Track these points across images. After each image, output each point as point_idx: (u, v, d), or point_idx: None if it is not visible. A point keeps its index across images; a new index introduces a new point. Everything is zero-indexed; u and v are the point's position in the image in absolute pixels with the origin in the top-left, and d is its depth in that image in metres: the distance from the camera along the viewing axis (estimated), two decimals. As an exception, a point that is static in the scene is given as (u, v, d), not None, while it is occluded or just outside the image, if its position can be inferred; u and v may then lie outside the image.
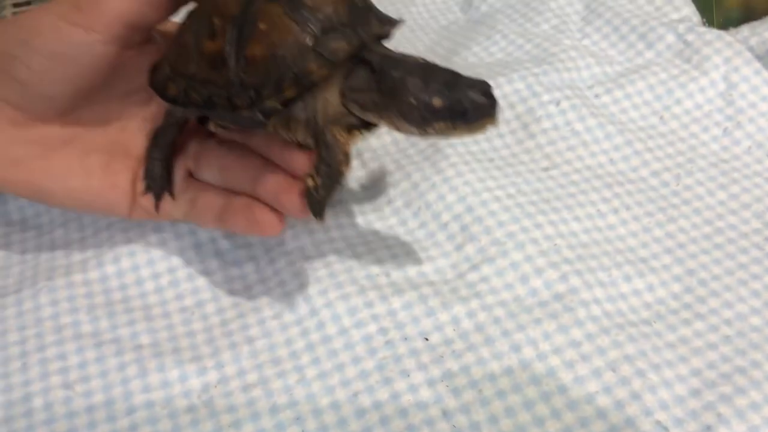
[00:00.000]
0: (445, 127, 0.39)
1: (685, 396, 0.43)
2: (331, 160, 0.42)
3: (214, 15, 0.42)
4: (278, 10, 0.40)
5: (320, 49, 0.40)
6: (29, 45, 0.43)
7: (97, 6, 0.43)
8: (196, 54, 0.43)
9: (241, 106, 0.41)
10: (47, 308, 0.49)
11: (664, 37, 0.68)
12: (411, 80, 0.39)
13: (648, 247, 0.53)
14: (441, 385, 0.44)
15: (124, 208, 0.50)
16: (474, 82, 0.39)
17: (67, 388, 0.45)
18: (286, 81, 0.40)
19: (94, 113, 0.49)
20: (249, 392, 0.45)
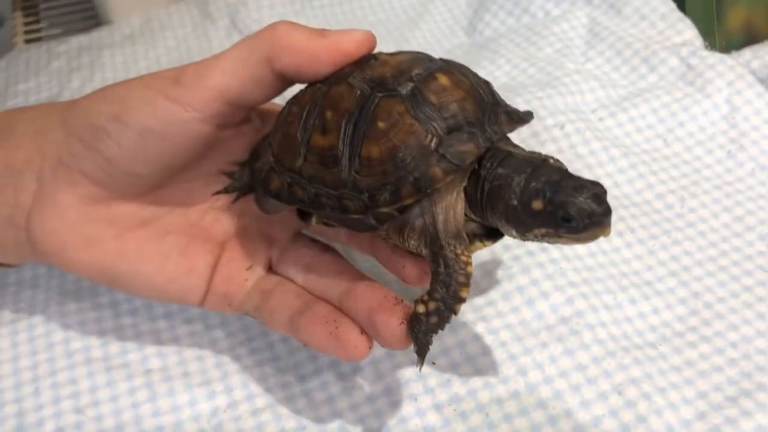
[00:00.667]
0: (546, 233, 0.35)
1: (691, 419, 0.43)
2: (451, 281, 0.36)
3: (327, 108, 0.38)
4: (399, 107, 0.36)
5: (445, 151, 0.36)
6: (121, 120, 0.40)
7: (199, 82, 0.40)
8: (305, 148, 0.39)
9: (352, 210, 0.37)
10: (58, 333, 0.50)
11: (666, 61, 0.69)
12: (516, 179, 0.35)
13: (653, 270, 0.53)
14: (448, 409, 0.45)
15: (197, 295, 0.45)
16: (585, 184, 0.34)
17: (79, 412, 0.46)
18: (404, 186, 0.36)
19: (175, 193, 0.46)
20: (258, 416, 0.45)
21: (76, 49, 0.82)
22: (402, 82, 0.37)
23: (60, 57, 0.81)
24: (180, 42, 0.84)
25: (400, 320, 0.38)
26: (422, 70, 0.38)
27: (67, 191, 0.43)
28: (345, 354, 0.39)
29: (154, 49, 0.83)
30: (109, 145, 0.41)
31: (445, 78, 0.38)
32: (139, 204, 0.45)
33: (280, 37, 0.39)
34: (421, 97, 0.36)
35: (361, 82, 0.38)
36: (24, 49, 0.83)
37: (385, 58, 0.39)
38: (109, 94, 0.42)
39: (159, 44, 0.83)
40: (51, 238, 0.43)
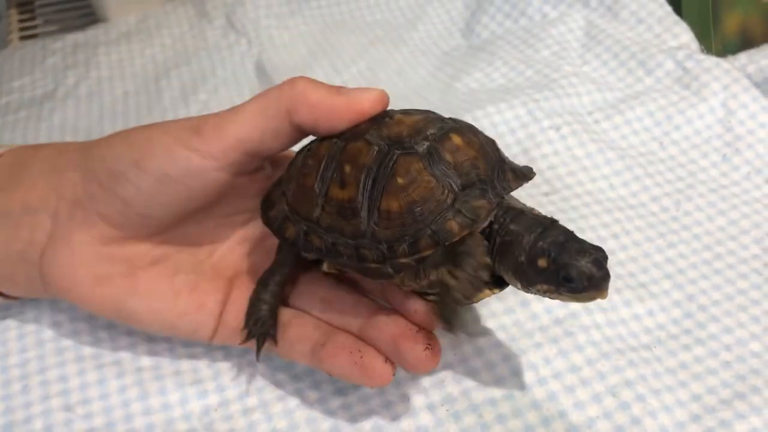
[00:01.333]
0: (548, 289, 0.37)
1: (686, 421, 0.43)
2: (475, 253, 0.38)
3: (346, 162, 0.39)
4: (418, 165, 0.38)
5: (460, 207, 0.38)
6: (140, 166, 0.41)
7: (218, 132, 0.41)
8: (323, 199, 0.40)
9: (370, 259, 0.39)
10: (49, 330, 0.50)
11: (663, 64, 0.69)
12: (527, 237, 0.37)
13: (648, 273, 0.53)
14: (441, 410, 0.44)
15: (208, 331, 0.45)
16: (588, 249, 0.36)
17: (68, 410, 0.45)
18: (423, 239, 0.38)
19: (186, 233, 0.46)
20: (249, 416, 0.45)
21: (71, 46, 0.82)
22: (418, 141, 0.39)
23: (55, 54, 0.81)
24: (176, 41, 0.84)
25: (424, 346, 0.40)
26: (436, 129, 0.40)
27: (82, 231, 0.44)
28: (371, 382, 0.41)
29: (151, 47, 0.83)
30: (127, 188, 0.42)
31: (458, 138, 0.40)
32: (151, 244, 0.46)
33: (299, 92, 0.41)
34: (437, 155, 0.38)
35: (379, 140, 0.39)
36: (19, 46, 0.83)
37: (400, 118, 0.41)
38: (130, 140, 0.43)
39: (155, 42, 0.83)
40: (64, 275, 0.44)
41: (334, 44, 0.82)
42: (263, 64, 0.78)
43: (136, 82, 0.78)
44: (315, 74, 0.76)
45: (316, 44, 0.82)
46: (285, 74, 0.75)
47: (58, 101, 0.74)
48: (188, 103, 0.74)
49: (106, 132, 0.69)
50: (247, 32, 0.83)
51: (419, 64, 0.78)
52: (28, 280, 0.46)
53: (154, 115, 0.73)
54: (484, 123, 0.65)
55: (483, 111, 0.66)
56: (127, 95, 0.76)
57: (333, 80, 0.76)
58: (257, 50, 0.81)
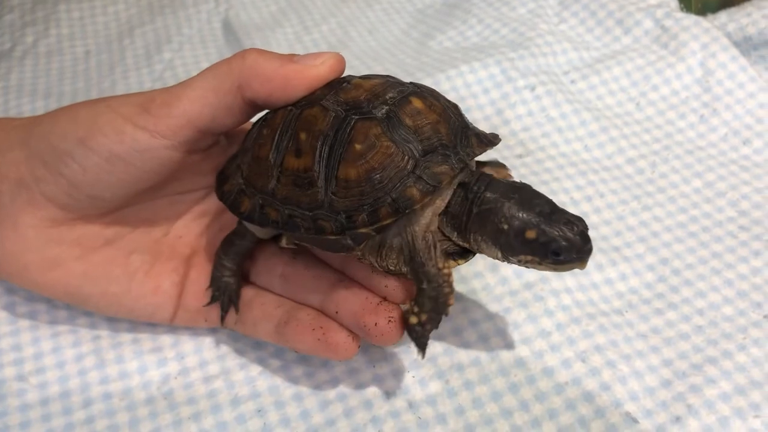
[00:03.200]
0: (531, 260, 0.37)
1: (656, 387, 0.42)
2: (438, 294, 0.37)
3: (301, 130, 0.38)
4: (376, 130, 0.36)
5: (421, 173, 0.36)
6: (86, 144, 0.39)
7: (168, 110, 0.39)
8: (278, 170, 0.38)
9: (328, 230, 0.37)
10: (3, 297, 0.48)
11: (641, 23, 0.67)
12: (507, 204, 0.37)
13: (621, 236, 0.52)
14: (407, 376, 0.43)
15: (166, 313, 0.44)
16: (573, 220, 0.36)
17: (22, 379, 0.44)
18: (383, 207, 0.36)
19: (139, 212, 0.45)
20: (210, 383, 0.44)
21: (30, 2, 0.79)
22: (377, 105, 0.37)
23: (13, 10, 0.77)
24: (140, -3, 0.80)
25: (386, 319, 0.39)
26: (396, 93, 0.38)
27: (27, 213, 0.42)
28: (336, 356, 0.40)
29: (114, 4, 0.80)
30: (73, 168, 0.40)
31: (419, 101, 0.38)
32: (103, 224, 0.44)
33: (249, 65, 0.39)
34: (397, 120, 0.37)
35: (335, 105, 0.38)
36: (-26, 2, 0.79)
37: (358, 82, 0.39)
38: (73, 116, 0.41)
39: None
40: (12, 260, 0.42)
41: (305, 1, 0.79)
42: (230, 22, 0.76)
43: (98, 41, 0.75)
44: (284, 32, 0.73)
45: (286, 1, 0.79)
46: (253, 32, 0.73)
47: (16, 60, 0.71)
48: (152, 62, 0.71)
49: (66, 93, 0.67)
50: (214, -12, 0.80)
51: (392, 22, 0.76)
52: None
53: (116, 74, 0.70)
54: (458, 82, 0.63)
55: (456, 70, 0.64)
56: (88, 54, 0.73)
57: (302, 38, 0.74)
58: (224, 7, 0.78)
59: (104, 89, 0.68)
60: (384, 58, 0.70)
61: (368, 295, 0.40)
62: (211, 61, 0.71)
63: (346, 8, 0.78)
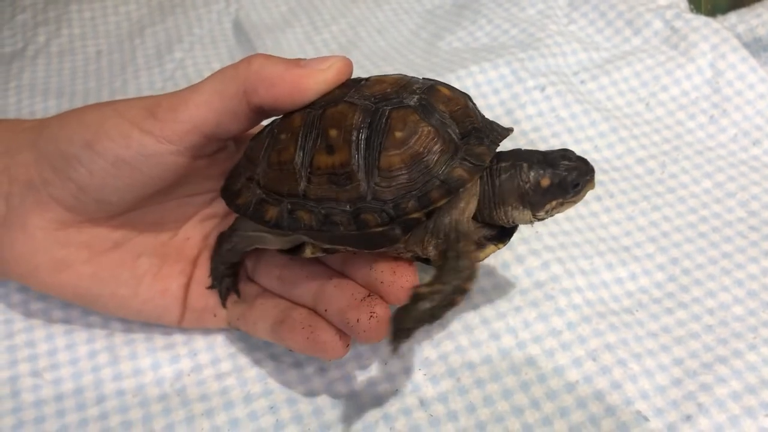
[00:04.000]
0: (557, 204, 0.39)
1: (666, 385, 0.42)
2: (462, 269, 0.36)
3: (330, 128, 0.37)
4: (414, 117, 0.37)
5: (465, 154, 0.37)
6: (93, 148, 0.39)
7: (174, 115, 0.39)
8: (307, 170, 0.38)
9: (372, 224, 0.37)
10: (16, 294, 0.48)
11: (651, 24, 0.67)
12: (525, 165, 0.39)
13: (631, 236, 0.52)
14: (419, 374, 0.44)
15: (174, 315, 0.45)
16: (565, 153, 0.39)
17: (36, 376, 0.44)
18: (433, 190, 0.36)
19: (147, 214, 0.45)
20: (223, 380, 0.44)
21: (42, 2, 0.79)
22: (406, 95, 0.38)
23: (25, 11, 0.78)
24: (151, -3, 0.81)
25: (368, 314, 0.38)
26: (421, 84, 0.39)
27: (36, 215, 0.42)
28: (324, 355, 0.40)
29: (125, 4, 0.80)
30: (80, 172, 0.40)
31: (446, 89, 0.39)
32: (111, 227, 0.44)
33: (255, 70, 0.39)
34: (430, 106, 0.38)
35: (362, 100, 0.38)
36: (-13, 2, 0.80)
37: (378, 78, 0.40)
38: (81, 120, 0.41)
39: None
40: (21, 261, 0.42)
41: (315, 1, 0.80)
42: (241, 22, 0.76)
43: (110, 40, 0.75)
44: (294, 33, 0.74)
45: (296, 1, 0.80)
46: (263, 33, 0.73)
47: (28, 60, 0.72)
48: (163, 61, 0.71)
49: (78, 92, 0.67)
50: (225, -12, 0.80)
51: (401, 23, 0.76)
52: None
53: (128, 74, 0.70)
54: (467, 82, 0.63)
55: (466, 70, 0.64)
56: (100, 54, 0.74)
57: (313, 39, 0.74)
58: (235, 8, 0.78)
59: (115, 89, 0.68)
60: (393, 59, 0.70)
61: (354, 291, 0.40)
62: (222, 61, 0.71)
63: (356, 9, 0.78)
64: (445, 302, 0.36)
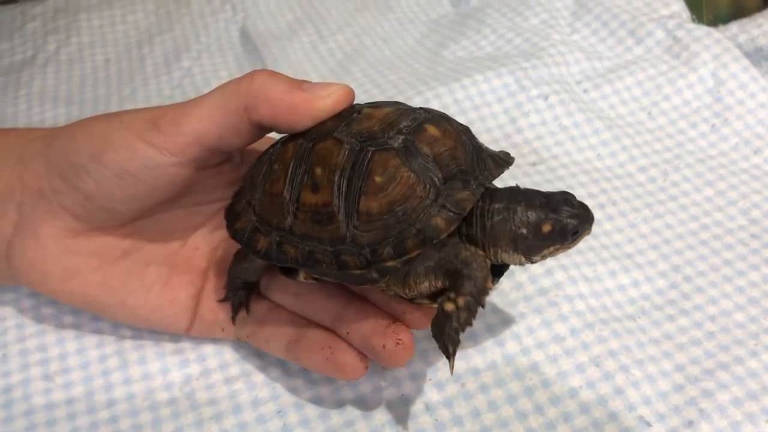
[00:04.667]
0: (555, 249, 0.38)
1: (668, 391, 0.43)
2: (477, 274, 0.36)
3: (316, 165, 0.37)
4: (395, 161, 0.36)
5: (444, 201, 0.36)
6: (99, 160, 0.40)
7: (177, 127, 0.39)
8: (294, 206, 0.38)
9: (352, 266, 0.36)
10: (27, 300, 0.49)
11: (653, 33, 0.68)
12: (519, 209, 0.37)
13: (634, 243, 0.53)
14: (424, 379, 0.44)
15: (182, 325, 0.45)
16: (567, 198, 0.38)
17: (47, 379, 0.45)
18: (409, 239, 0.36)
19: (156, 223, 0.45)
20: (231, 385, 0.45)
21: (52, 11, 0.80)
22: (392, 135, 0.37)
23: (35, 19, 0.79)
24: (159, 6, 0.82)
25: (395, 341, 0.39)
26: (410, 121, 0.38)
27: (47, 223, 0.42)
28: (343, 376, 0.40)
29: (133, 13, 0.81)
30: (87, 182, 0.41)
31: (433, 129, 0.38)
32: (120, 235, 0.44)
33: (257, 87, 0.38)
34: (414, 149, 0.36)
35: (349, 137, 0.37)
36: (-3, 10, 0.81)
37: (369, 112, 0.38)
38: (89, 131, 0.42)
39: (137, 8, 0.82)
40: (32, 268, 0.43)
41: (321, 11, 0.80)
42: (248, 31, 0.77)
43: (118, 49, 0.76)
44: (301, 41, 0.75)
45: (302, 10, 0.81)
46: (270, 41, 0.74)
47: (38, 68, 0.73)
48: (171, 69, 0.72)
49: (88, 100, 0.68)
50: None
51: (406, 32, 0.77)
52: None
53: (136, 82, 0.71)
54: (471, 91, 0.64)
55: (470, 79, 0.65)
56: (108, 62, 0.74)
57: (318, 48, 0.75)
58: (242, 16, 0.79)
59: (124, 96, 0.69)
60: (398, 68, 0.71)
61: (379, 316, 0.40)
62: (229, 69, 0.72)
63: (361, 18, 0.79)
64: (475, 307, 0.36)
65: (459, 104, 0.64)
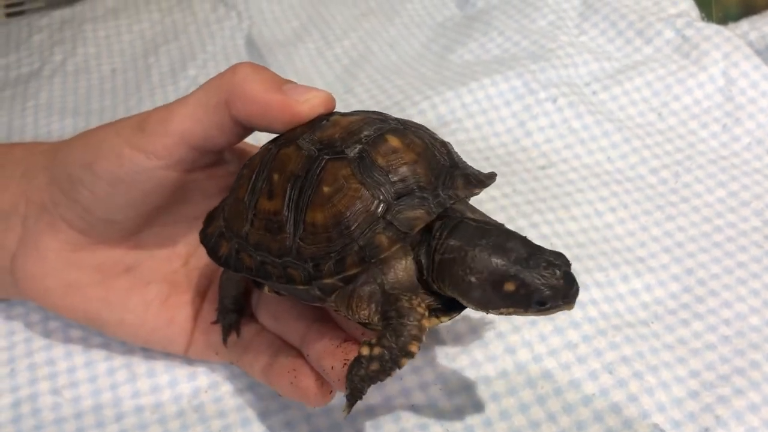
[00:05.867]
0: (514, 311, 0.33)
1: (683, 398, 0.42)
2: (403, 330, 0.33)
3: (275, 171, 0.36)
4: (345, 171, 0.34)
5: (392, 218, 0.33)
6: (92, 169, 0.40)
7: (162, 128, 0.38)
8: (252, 213, 0.37)
9: (297, 280, 0.35)
10: (36, 313, 0.49)
11: (662, 33, 0.68)
12: (470, 252, 0.33)
13: (646, 247, 0.52)
14: (434, 388, 0.44)
15: (180, 345, 0.44)
16: (553, 261, 0.32)
17: (56, 393, 0.45)
18: (349, 255, 0.33)
19: (159, 237, 0.45)
20: (240, 396, 0.44)
21: (58, 22, 0.80)
22: (350, 144, 0.35)
23: (42, 31, 0.79)
24: (165, 15, 0.82)
25: (342, 362, 0.36)
26: (372, 131, 0.36)
27: (49, 236, 0.42)
28: (307, 401, 0.39)
29: (138, 23, 0.81)
30: (83, 193, 0.40)
31: (395, 140, 0.35)
32: (123, 249, 0.44)
33: (238, 81, 0.37)
34: (369, 160, 0.34)
35: (309, 144, 0.36)
36: (4, 22, 0.81)
37: (336, 119, 0.37)
38: (86, 142, 0.41)
39: (143, 18, 0.82)
40: (34, 282, 0.43)
41: (326, 16, 0.80)
42: (253, 38, 0.77)
43: (124, 59, 0.76)
44: (307, 48, 0.74)
45: (308, 17, 0.80)
46: (276, 48, 0.74)
47: (45, 79, 0.73)
48: (177, 79, 0.72)
49: (94, 110, 0.68)
50: (237, 5, 0.81)
51: (412, 36, 0.77)
52: (1, 284, 0.45)
53: (143, 92, 0.71)
54: (479, 95, 0.63)
55: (478, 83, 0.64)
56: (114, 72, 0.75)
57: (324, 54, 0.75)
58: (247, 24, 0.79)
59: (131, 107, 0.69)
60: (405, 72, 0.70)
61: (333, 335, 0.38)
62: (235, 77, 0.72)
63: (367, 23, 0.79)
64: (389, 365, 0.34)
65: (467, 108, 0.63)
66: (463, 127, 0.62)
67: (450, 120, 0.62)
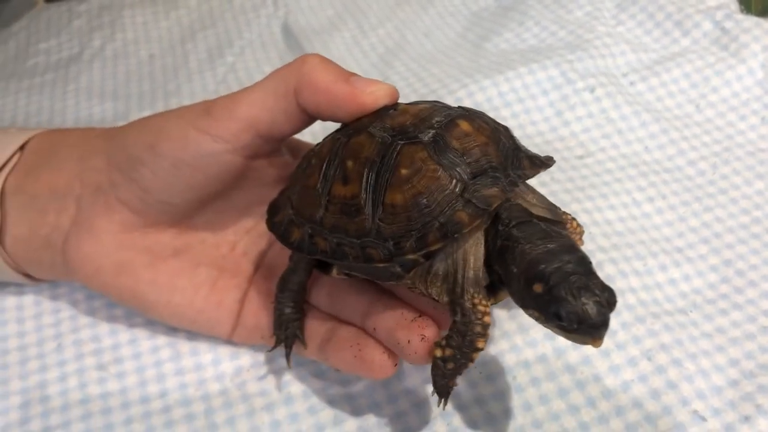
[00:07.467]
0: (538, 317, 0.33)
1: (723, 386, 0.42)
2: (467, 330, 0.35)
3: (348, 158, 0.38)
4: (422, 154, 0.36)
5: (470, 196, 0.35)
6: (155, 150, 0.41)
7: (229, 113, 0.40)
8: (326, 198, 0.38)
9: (376, 258, 0.36)
10: (81, 291, 0.50)
11: (700, 25, 0.67)
12: (522, 246, 0.34)
13: (684, 237, 0.52)
14: (474, 372, 0.44)
15: (226, 328, 0.45)
16: (593, 288, 0.31)
17: (102, 369, 0.46)
18: (431, 232, 0.35)
19: (209, 223, 0.46)
20: (281, 376, 0.45)
21: (96, 8, 0.81)
22: (423, 129, 0.37)
23: (81, 16, 0.80)
24: (201, 2, 0.83)
25: (419, 336, 0.38)
26: (443, 117, 0.38)
27: (104, 217, 0.43)
28: (371, 374, 0.39)
29: (176, 9, 0.82)
30: (144, 174, 0.41)
31: (466, 124, 0.37)
32: (174, 233, 0.45)
33: (307, 71, 0.39)
34: (443, 143, 0.36)
35: (382, 131, 0.38)
36: (44, 8, 0.83)
37: (404, 108, 0.39)
38: (145, 124, 0.43)
39: (180, 4, 0.82)
40: (86, 262, 0.44)
41: (361, 5, 0.81)
42: (290, 27, 0.77)
43: (162, 45, 0.77)
44: (342, 36, 0.75)
45: (343, 5, 0.81)
46: (312, 36, 0.74)
47: (85, 63, 0.74)
48: (215, 65, 0.73)
49: (133, 95, 0.69)
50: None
51: (447, 25, 0.77)
52: (52, 264, 0.46)
53: (180, 77, 0.72)
54: (516, 84, 0.64)
55: (515, 72, 0.64)
56: (152, 57, 0.75)
57: (360, 42, 0.75)
58: (283, 12, 0.80)
59: (169, 91, 0.70)
60: (441, 61, 0.71)
61: (405, 311, 0.39)
62: (273, 64, 0.73)
63: (402, 12, 0.79)
64: (462, 361, 0.36)
65: (503, 97, 0.63)
66: (499, 116, 0.62)
67: (487, 108, 0.62)
